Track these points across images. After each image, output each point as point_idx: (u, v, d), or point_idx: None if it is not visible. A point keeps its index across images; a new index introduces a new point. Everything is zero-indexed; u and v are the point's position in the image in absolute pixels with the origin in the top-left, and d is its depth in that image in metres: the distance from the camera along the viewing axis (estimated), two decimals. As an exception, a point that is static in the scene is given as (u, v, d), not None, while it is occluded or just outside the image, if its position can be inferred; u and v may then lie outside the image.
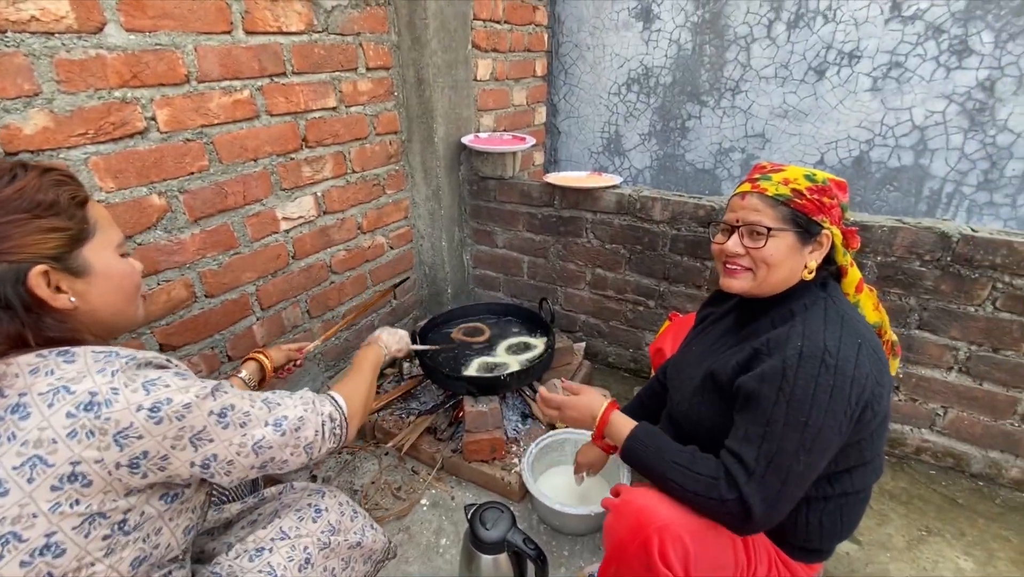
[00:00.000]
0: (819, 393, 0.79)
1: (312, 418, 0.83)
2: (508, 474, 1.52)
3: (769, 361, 0.84)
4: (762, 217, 0.89)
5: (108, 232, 0.75)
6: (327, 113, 1.66)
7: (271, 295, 1.63)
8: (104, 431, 0.62)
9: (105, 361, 0.65)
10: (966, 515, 1.50)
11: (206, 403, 0.70)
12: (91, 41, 1.09)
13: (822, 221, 0.88)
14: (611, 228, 1.90)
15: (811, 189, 0.87)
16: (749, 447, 0.82)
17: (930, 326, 1.50)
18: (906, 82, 2.08)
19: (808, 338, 0.83)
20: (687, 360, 1.11)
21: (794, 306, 0.91)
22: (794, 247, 0.89)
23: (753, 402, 0.83)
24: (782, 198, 0.88)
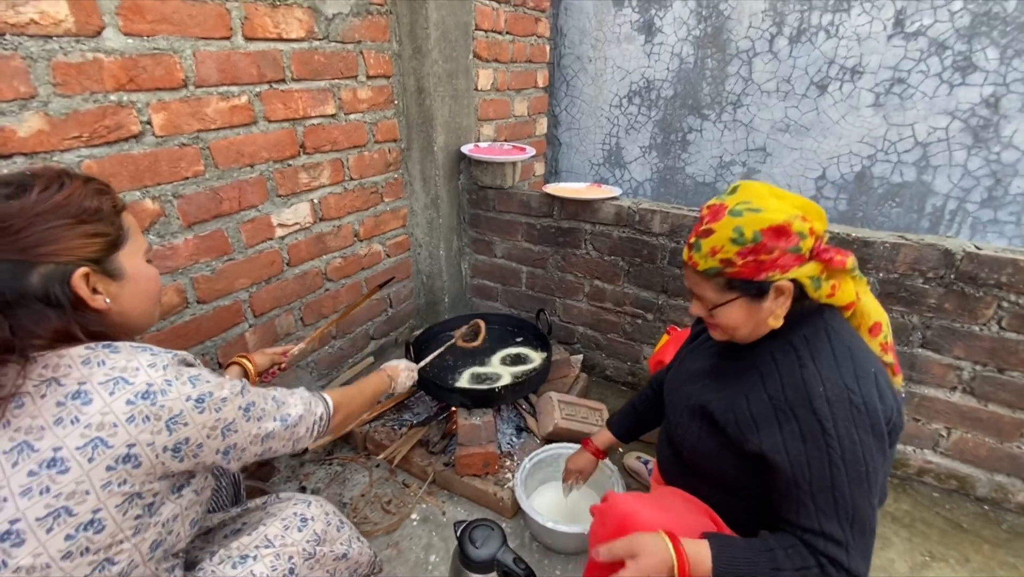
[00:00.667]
0: (863, 437, 0.75)
1: (307, 417, 0.93)
2: (501, 489, 1.48)
3: (799, 418, 0.78)
4: (704, 291, 0.87)
5: (138, 239, 0.81)
6: (326, 120, 1.65)
7: (264, 302, 1.61)
8: (159, 416, 0.69)
9: (152, 356, 0.72)
10: (971, 540, 1.46)
11: (237, 399, 0.79)
12: (89, 44, 1.09)
13: (768, 278, 0.80)
14: (610, 240, 1.89)
15: (741, 253, 0.79)
16: (831, 521, 0.76)
17: (933, 345, 1.47)
18: (909, 98, 2.07)
19: (828, 380, 0.78)
20: (681, 377, 1.07)
21: (793, 338, 0.85)
22: (748, 307, 0.84)
23: (806, 469, 0.77)
24: (713, 271, 0.83)
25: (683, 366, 1.09)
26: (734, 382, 0.92)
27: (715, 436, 0.91)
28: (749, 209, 0.79)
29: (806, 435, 0.77)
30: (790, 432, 0.79)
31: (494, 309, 2.33)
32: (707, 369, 1.00)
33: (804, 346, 0.83)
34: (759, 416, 0.84)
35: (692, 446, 0.96)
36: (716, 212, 0.82)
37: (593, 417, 1.72)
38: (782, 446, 0.79)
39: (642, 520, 0.85)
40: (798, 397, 0.79)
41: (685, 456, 0.99)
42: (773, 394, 0.82)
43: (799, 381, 0.80)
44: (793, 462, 0.78)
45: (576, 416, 1.67)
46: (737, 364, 0.93)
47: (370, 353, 2.10)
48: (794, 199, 0.81)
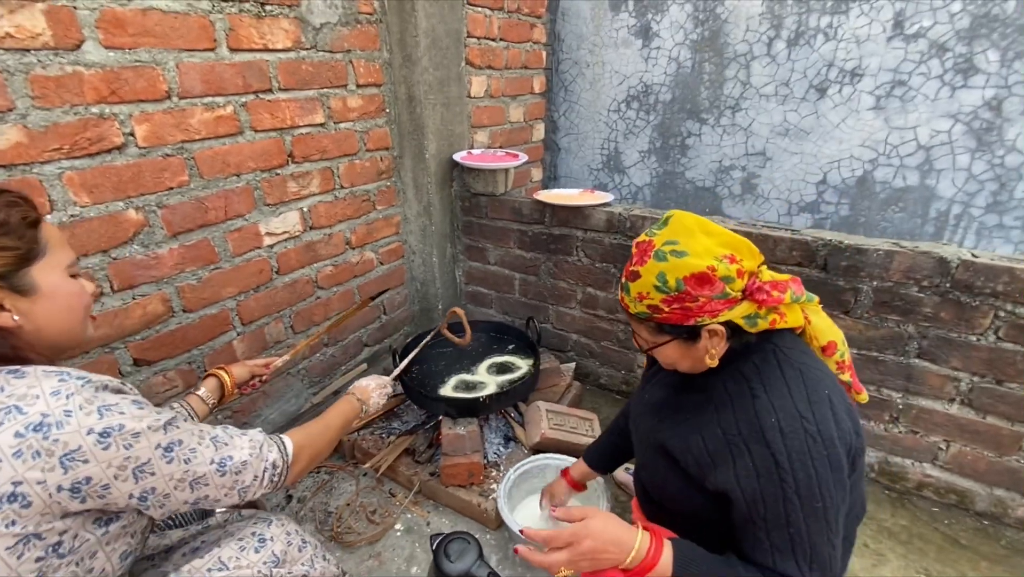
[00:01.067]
0: (819, 469, 0.71)
1: (255, 464, 0.83)
2: (486, 500, 1.47)
3: (752, 453, 0.75)
4: (639, 330, 0.86)
5: (58, 253, 0.75)
6: (315, 129, 1.66)
7: (253, 310, 1.61)
8: (51, 452, 0.62)
9: (59, 382, 0.66)
10: (968, 557, 1.41)
11: (156, 436, 0.71)
12: (68, 58, 1.10)
13: (698, 322, 0.78)
14: (601, 247, 1.87)
15: (667, 300, 0.77)
16: (787, 560, 0.73)
17: (930, 355, 1.43)
18: (910, 101, 2.02)
19: (780, 409, 0.74)
20: (643, 410, 1.02)
21: (743, 366, 0.82)
22: (682, 347, 0.82)
23: (760, 505, 0.74)
24: (642, 316, 0.82)
25: (643, 397, 1.05)
26: (689, 417, 0.88)
27: (678, 474, 0.88)
28: (673, 252, 0.76)
29: (760, 470, 0.74)
30: (743, 467, 0.75)
31: (488, 316, 2.32)
32: (663, 402, 0.97)
33: (755, 375, 0.80)
34: (715, 453, 0.80)
35: (658, 485, 0.93)
36: (643, 252, 0.80)
37: (583, 427, 1.70)
38: (735, 482, 0.76)
39: None
40: (751, 431, 0.76)
41: (652, 494, 0.96)
42: (726, 428, 0.79)
43: (752, 414, 0.76)
44: (748, 499, 0.75)
45: (565, 425, 1.65)
46: (691, 396, 0.90)
47: (363, 360, 2.10)
48: (724, 235, 0.78)
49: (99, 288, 0.94)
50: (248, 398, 1.67)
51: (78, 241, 1.18)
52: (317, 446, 0.98)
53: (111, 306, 1.27)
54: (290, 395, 1.82)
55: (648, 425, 0.97)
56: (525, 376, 1.68)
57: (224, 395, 1.18)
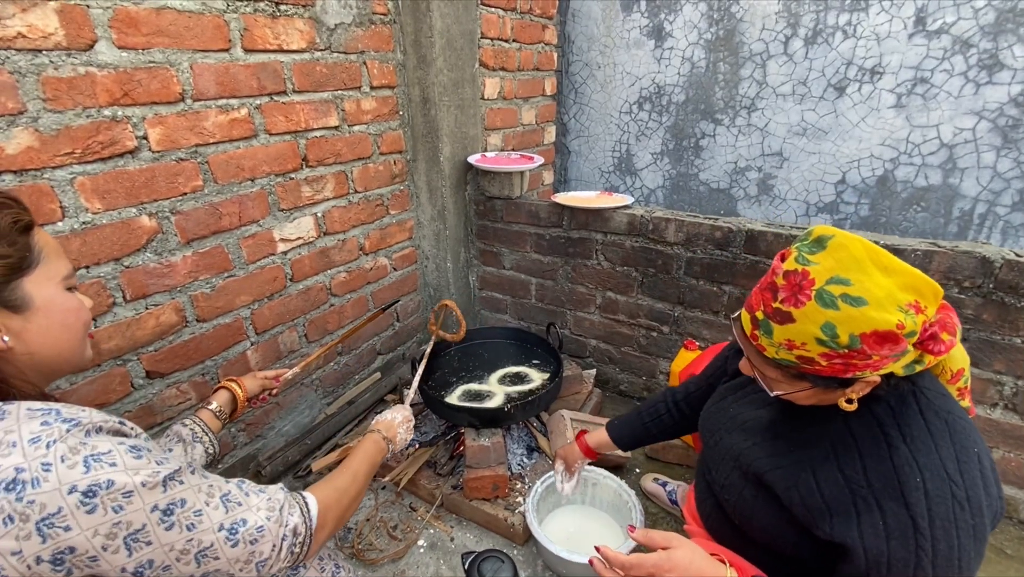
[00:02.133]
0: (963, 539, 0.62)
1: (273, 529, 0.70)
2: (512, 515, 1.41)
3: (884, 511, 0.65)
4: (767, 372, 0.72)
5: (54, 263, 0.67)
6: (329, 132, 1.61)
7: (267, 319, 1.56)
8: (26, 517, 0.52)
9: (42, 426, 0.56)
10: (1016, 567, 1.35)
11: (152, 495, 0.59)
12: (80, 58, 1.06)
13: (858, 376, 0.66)
14: (622, 250, 1.82)
15: (827, 356, 0.63)
16: None
17: (972, 359, 1.37)
18: (932, 98, 1.99)
19: (925, 468, 0.64)
20: (723, 424, 0.92)
21: (875, 407, 0.70)
22: (819, 394, 0.71)
23: (884, 568, 0.65)
24: (785, 363, 0.68)
25: (724, 409, 0.95)
26: (796, 450, 0.77)
27: (772, 508, 0.78)
28: (846, 297, 0.61)
29: (892, 532, 0.64)
30: (871, 524, 0.66)
31: (503, 322, 2.27)
32: (760, 425, 0.86)
33: (891, 420, 0.68)
34: (832, 501, 0.70)
35: (743, 513, 0.83)
36: (797, 288, 0.64)
37: (607, 436, 1.65)
38: (858, 537, 0.66)
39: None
40: (886, 485, 0.65)
41: (735, 519, 0.87)
42: (852, 477, 0.68)
43: (888, 466, 0.66)
44: (871, 558, 0.65)
45: (590, 435, 1.60)
46: (798, 425, 0.79)
47: (377, 369, 2.05)
48: (905, 273, 0.62)
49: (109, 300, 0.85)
50: (261, 410, 1.62)
51: (90, 249, 1.13)
52: (344, 504, 0.85)
53: (123, 316, 1.22)
54: (304, 406, 1.77)
55: (736, 444, 0.88)
56: (537, 389, 1.62)
57: (236, 408, 1.13)
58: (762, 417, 0.87)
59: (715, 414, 0.97)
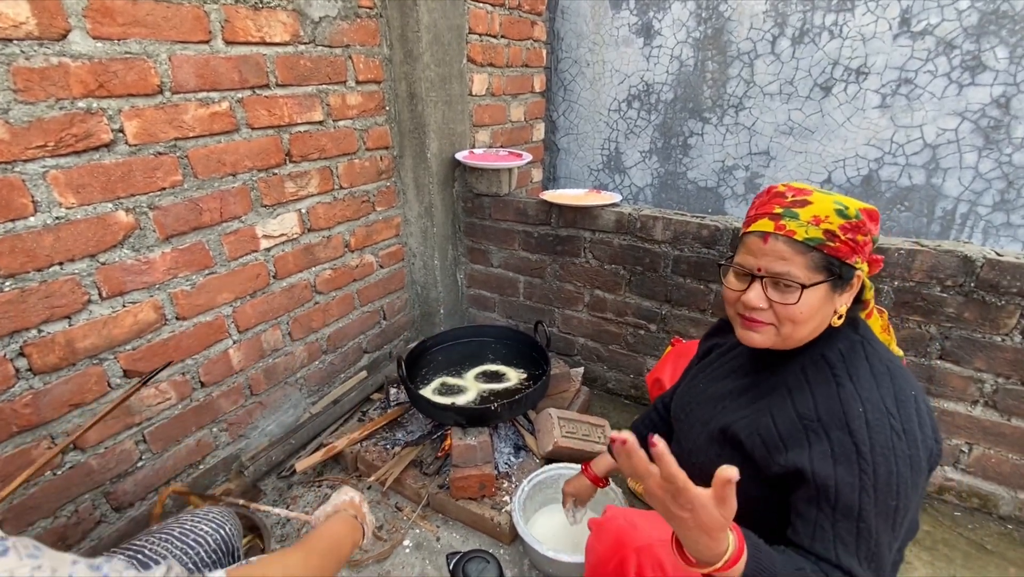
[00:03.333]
0: (900, 467, 0.67)
1: None
2: (498, 514, 1.40)
3: (832, 437, 0.70)
4: (792, 268, 0.74)
5: None
6: (313, 127, 1.59)
7: (249, 317, 1.54)
8: None
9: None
10: (996, 562, 1.37)
11: None
12: (54, 48, 1.02)
13: (855, 263, 0.75)
14: (610, 248, 1.82)
15: (844, 227, 0.73)
16: (848, 554, 0.67)
17: (953, 356, 1.40)
18: (916, 99, 2.01)
19: (868, 401, 0.70)
20: (695, 399, 0.99)
21: (827, 352, 0.78)
22: (827, 297, 0.75)
23: (832, 492, 0.69)
24: (814, 242, 0.73)
25: (695, 387, 1.00)
26: (757, 399, 0.84)
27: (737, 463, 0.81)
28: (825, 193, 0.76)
29: (838, 457, 0.69)
30: (820, 452, 0.71)
31: (491, 320, 2.25)
32: (728, 391, 0.92)
33: (840, 362, 0.76)
34: (787, 436, 0.75)
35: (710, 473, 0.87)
36: (800, 191, 0.77)
37: (595, 434, 1.64)
38: (808, 463, 0.71)
39: (640, 534, 0.80)
40: (832, 417, 0.71)
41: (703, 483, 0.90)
42: (803, 412, 0.75)
43: (835, 401, 0.72)
44: (820, 483, 0.70)
45: (577, 433, 1.59)
46: (759, 379, 0.86)
47: (363, 368, 2.03)
48: None
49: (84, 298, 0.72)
50: (243, 409, 1.59)
51: (63, 245, 1.10)
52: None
53: (99, 314, 1.19)
54: (288, 405, 1.74)
55: (706, 412, 0.93)
56: (514, 388, 1.63)
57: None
58: (728, 384, 0.93)
59: (686, 393, 1.02)
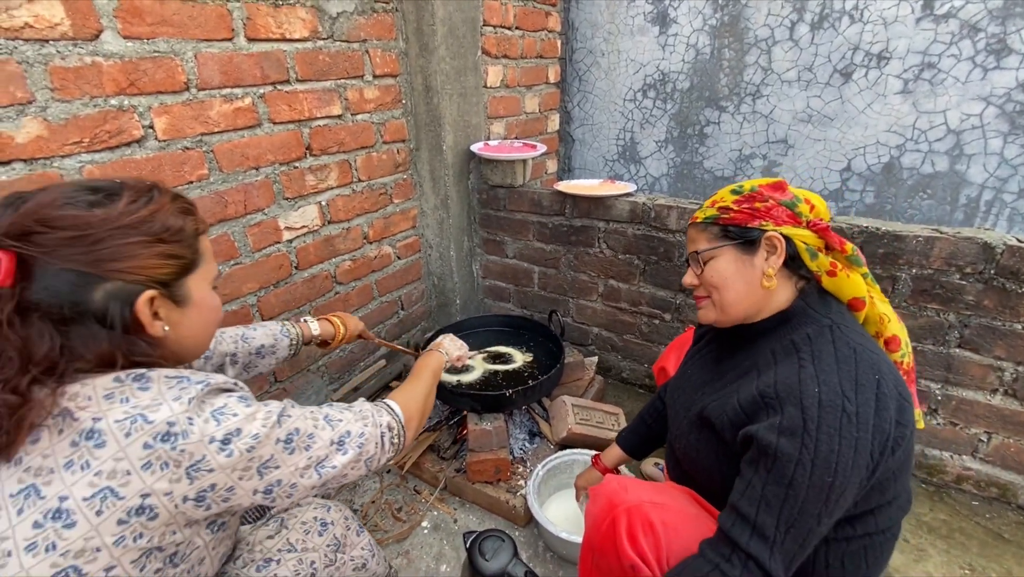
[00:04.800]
0: (844, 448, 0.70)
1: (372, 432, 0.82)
2: (513, 497, 1.44)
3: (785, 411, 0.74)
4: (698, 244, 0.89)
5: (210, 265, 0.75)
6: (332, 121, 1.63)
7: (273, 306, 1.59)
8: (178, 463, 0.60)
9: (180, 388, 0.63)
10: (1013, 551, 1.37)
11: (274, 432, 0.68)
12: (87, 48, 1.07)
13: (761, 226, 0.82)
14: (625, 238, 1.83)
15: (738, 200, 0.84)
16: (769, 514, 0.71)
17: (972, 344, 1.38)
18: (939, 84, 1.96)
19: (824, 383, 0.73)
20: (683, 385, 1.02)
21: (795, 336, 0.81)
22: (738, 260, 0.85)
23: (770, 458, 0.72)
24: (710, 219, 0.87)
25: (684, 375, 1.04)
26: (730, 382, 0.88)
27: (711, 445, 0.87)
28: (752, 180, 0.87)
29: (784, 428, 0.72)
30: (769, 425, 0.74)
31: (506, 311, 2.28)
32: (707, 376, 0.97)
33: (806, 345, 0.79)
34: (748, 410, 0.79)
35: (690, 457, 0.92)
36: None
37: (609, 421, 1.67)
38: (756, 432, 0.75)
39: (630, 495, 0.83)
40: (789, 394, 0.74)
41: (684, 465, 0.95)
42: (764, 390, 0.78)
43: (794, 380, 0.75)
44: (761, 446, 0.74)
45: (591, 420, 1.62)
46: (734, 362, 0.91)
47: (382, 356, 2.08)
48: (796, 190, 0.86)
49: None
50: (269, 396, 1.65)
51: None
52: (420, 402, 0.97)
53: (133, 303, 1.25)
54: (310, 392, 1.80)
55: (687, 398, 0.97)
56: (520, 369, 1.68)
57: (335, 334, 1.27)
58: (709, 370, 0.97)
59: (677, 380, 1.06)
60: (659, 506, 0.80)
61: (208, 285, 0.74)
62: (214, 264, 0.76)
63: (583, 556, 0.91)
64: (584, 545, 0.90)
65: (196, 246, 0.71)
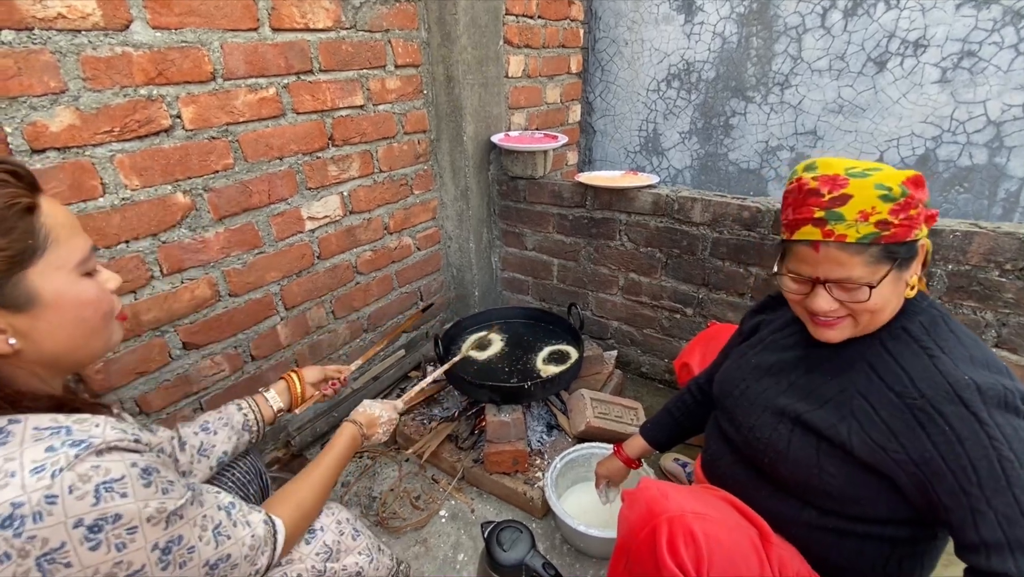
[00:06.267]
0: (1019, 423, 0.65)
1: (244, 568, 0.70)
2: (531, 489, 1.44)
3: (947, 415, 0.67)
4: (853, 271, 0.71)
5: (64, 246, 0.57)
6: (354, 111, 1.63)
7: (296, 295, 1.61)
8: (25, 553, 0.48)
9: (47, 452, 0.50)
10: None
11: (155, 532, 0.57)
12: (117, 38, 1.09)
13: (916, 236, 0.72)
14: (646, 230, 1.80)
15: (895, 211, 0.69)
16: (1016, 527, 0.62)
17: (1010, 344, 1.33)
18: (980, 73, 1.88)
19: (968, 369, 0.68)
20: (749, 374, 0.94)
21: (908, 325, 0.75)
22: (896, 279, 0.73)
23: (971, 472, 0.64)
24: (869, 239, 0.70)
25: (746, 363, 0.96)
26: (834, 377, 0.80)
27: (813, 444, 0.80)
28: (868, 169, 0.70)
29: (961, 434, 0.65)
30: (938, 432, 0.67)
31: (525, 303, 2.28)
32: (790, 363, 0.88)
33: (926, 336, 0.73)
34: (891, 420, 0.72)
35: (777, 448, 0.84)
36: (832, 181, 0.71)
37: (628, 416, 1.65)
38: (934, 452, 0.67)
39: (672, 504, 0.78)
40: (938, 392, 0.68)
41: (764, 460, 0.87)
42: (901, 391, 0.71)
43: (934, 373, 0.69)
44: (953, 467, 0.65)
45: (610, 415, 1.61)
46: (832, 354, 0.82)
47: (401, 346, 2.09)
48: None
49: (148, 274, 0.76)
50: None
51: (129, 224, 1.18)
52: (309, 519, 0.85)
53: (161, 290, 1.27)
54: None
55: (768, 388, 0.89)
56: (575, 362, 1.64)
57: (292, 400, 1.10)
58: (788, 357, 0.89)
59: (735, 370, 0.98)
60: (701, 516, 0.76)
61: (69, 273, 0.57)
62: (77, 243, 0.59)
63: (615, 560, 0.87)
64: (617, 550, 0.86)
65: (23, 228, 0.54)
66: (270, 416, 1.06)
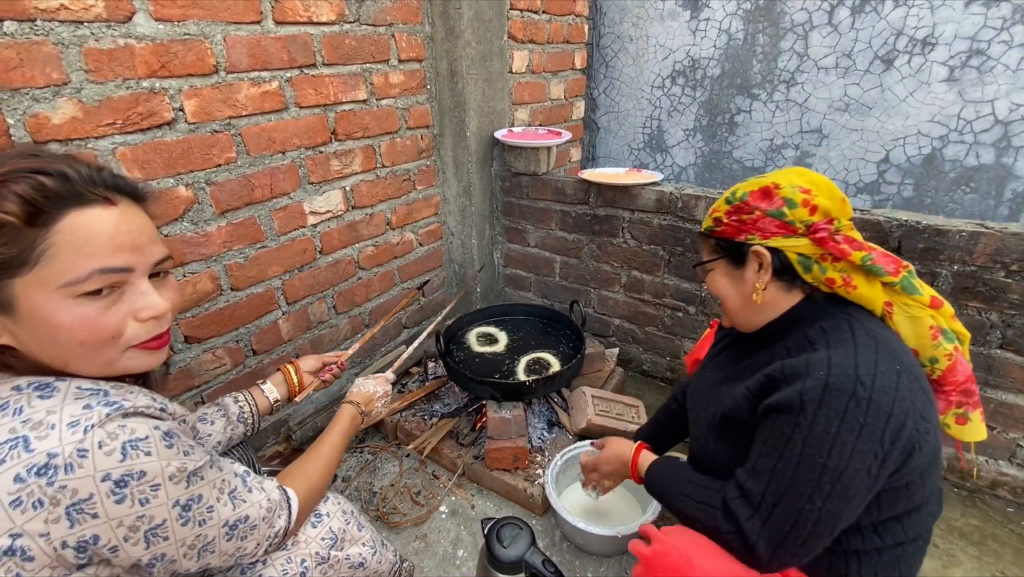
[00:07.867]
0: (843, 432, 0.68)
1: (263, 530, 0.73)
2: (531, 486, 1.44)
3: (783, 390, 0.74)
4: (702, 255, 0.91)
5: (60, 265, 0.56)
6: (357, 106, 1.62)
7: (297, 290, 1.61)
8: (56, 501, 0.52)
9: (84, 409, 0.55)
10: (1052, 560, 1.31)
11: (176, 489, 0.60)
12: (120, 30, 1.08)
13: (747, 240, 0.81)
14: (649, 228, 1.79)
15: (728, 212, 0.83)
16: (757, 481, 0.74)
17: (1015, 345, 1.32)
18: (988, 71, 1.87)
19: (837, 366, 0.70)
20: (701, 387, 1.01)
21: (809, 331, 0.80)
22: (729, 273, 0.86)
23: (766, 433, 0.75)
24: (708, 230, 0.88)
25: (704, 377, 1.02)
26: (747, 379, 0.86)
27: (728, 446, 0.86)
28: (758, 177, 0.82)
29: (781, 405, 0.73)
30: (772, 402, 0.74)
31: (527, 300, 2.27)
32: (725, 375, 0.95)
33: (820, 336, 0.77)
34: (756, 389, 0.80)
35: (708, 458, 0.90)
36: None
37: (629, 414, 1.65)
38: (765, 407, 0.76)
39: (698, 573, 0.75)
40: (793, 373, 0.74)
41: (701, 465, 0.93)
42: (770, 373, 0.78)
43: (802, 362, 0.74)
44: (764, 421, 0.76)
45: (611, 412, 1.61)
46: (752, 361, 0.89)
47: (403, 342, 2.09)
48: (815, 177, 0.79)
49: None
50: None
51: (131, 217, 1.18)
52: (316, 498, 0.87)
53: (163, 283, 1.27)
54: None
55: (705, 398, 0.97)
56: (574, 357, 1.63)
57: (290, 390, 1.11)
58: (727, 371, 0.95)
59: (697, 383, 1.04)
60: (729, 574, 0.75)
61: (51, 292, 0.56)
62: (74, 263, 0.56)
63: None
64: None
65: (25, 241, 0.54)
66: (266, 407, 1.07)
